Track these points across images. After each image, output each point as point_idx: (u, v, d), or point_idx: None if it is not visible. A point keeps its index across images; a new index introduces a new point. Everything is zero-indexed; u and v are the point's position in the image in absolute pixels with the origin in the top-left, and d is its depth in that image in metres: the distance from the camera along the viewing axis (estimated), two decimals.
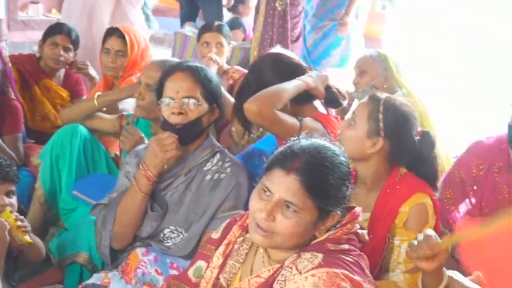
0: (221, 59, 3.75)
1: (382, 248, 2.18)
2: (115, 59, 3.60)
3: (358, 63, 3.50)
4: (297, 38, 5.01)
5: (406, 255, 1.87)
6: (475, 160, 2.74)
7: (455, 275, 1.91)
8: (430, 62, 7.68)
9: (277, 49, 3.15)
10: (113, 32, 3.68)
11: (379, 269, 2.20)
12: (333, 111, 2.91)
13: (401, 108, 2.22)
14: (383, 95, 2.27)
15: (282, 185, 1.64)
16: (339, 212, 1.69)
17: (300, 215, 1.64)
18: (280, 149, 1.74)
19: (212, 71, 3.41)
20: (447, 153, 3.22)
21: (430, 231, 1.84)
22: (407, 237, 2.13)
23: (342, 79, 3.80)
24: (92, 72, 3.98)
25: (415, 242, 1.81)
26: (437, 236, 1.81)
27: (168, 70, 2.43)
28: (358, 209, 1.78)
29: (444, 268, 1.88)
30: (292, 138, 1.77)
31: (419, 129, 2.29)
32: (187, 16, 5.86)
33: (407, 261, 2.06)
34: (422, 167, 2.24)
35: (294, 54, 3.00)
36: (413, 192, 2.19)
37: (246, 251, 1.83)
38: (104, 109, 3.14)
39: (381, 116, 2.19)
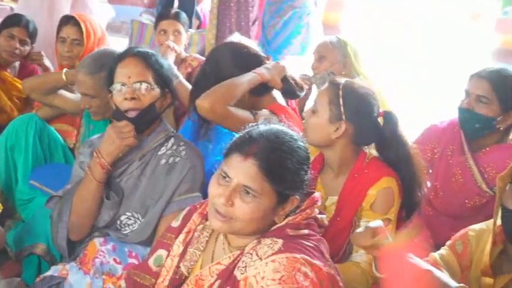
0: (179, 46, 3.73)
1: (349, 231, 2.21)
2: (71, 48, 3.54)
3: (318, 48, 3.52)
4: (253, 22, 5.02)
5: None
6: (430, 144, 2.80)
7: (411, 257, 1.95)
8: (394, 50, 7.76)
9: (236, 37, 3.14)
10: (68, 20, 3.61)
11: (344, 252, 2.24)
12: (293, 102, 2.93)
13: (361, 91, 2.25)
14: (342, 80, 2.30)
15: (240, 170, 1.65)
16: (297, 197, 1.71)
17: (259, 199, 1.64)
18: (239, 134, 1.75)
19: (170, 59, 3.45)
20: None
21: (373, 224, 1.85)
22: (373, 219, 2.13)
23: (302, 66, 3.82)
24: (47, 63, 3.90)
25: (357, 231, 1.84)
26: (381, 227, 1.83)
27: (118, 56, 2.41)
28: (317, 194, 1.80)
29: None
30: (251, 124, 1.78)
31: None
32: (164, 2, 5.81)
33: None
34: (390, 147, 2.26)
35: (251, 42, 3.00)
36: (381, 176, 2.23)
37: (207, 238, 1.83)
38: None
39: (341, 100, 2.22)
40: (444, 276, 1.89)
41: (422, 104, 5.56)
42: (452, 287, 1.83)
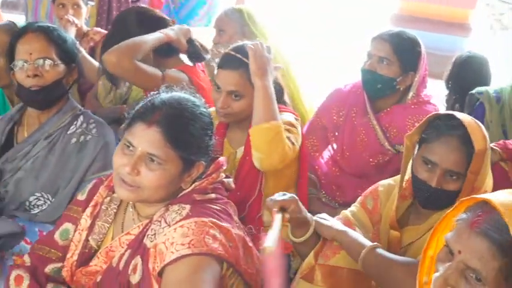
0: (79, 20, 3.60)
1: (257, 174, 2.31)
2: None
3: (216, 22, 3.52)
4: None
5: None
6: (335, 107, 2.86)
7: (323, 219, 2.01)
8: (291, 22, 7.81)
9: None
10: None
11: (259, 190, 2.37)
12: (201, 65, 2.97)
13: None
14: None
15: (144, 138, 1.64)
16: (203, 162, 1.72)
17: (164, 166, 1.64)
18: (141, 103, 1.73)
19: (71, 34, 3.32)
20: (311, 104, 3.34)
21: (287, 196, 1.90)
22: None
23: (208, 38, 3.79)
24: None
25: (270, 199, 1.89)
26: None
27: (18, 32, 2.33)
28: (222, 159, 1.83)
29: (310, 215, 1.98)
30: (152, 92, 1.77)
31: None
32: None
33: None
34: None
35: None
36: (279, 111, 2.30)
37: (115, 210, 1.82)
38: None
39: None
40: (359, 236, 1.94)
41: (324, 73, 5.67)
42: (366, 246, 1.89)
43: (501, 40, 4.46)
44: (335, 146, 2.89)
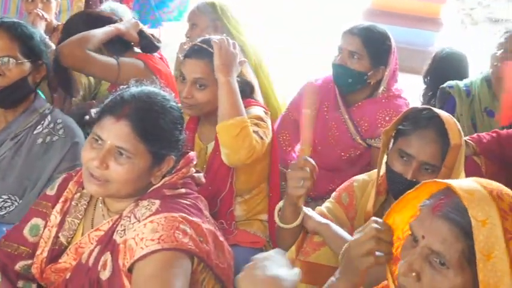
0: (49, 14, 3.54)
1: (227, 169, 2.33)
2: None
3: (189, 16, 3.52)
4: None
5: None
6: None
7: (309, 211, 2.00)
8: (275, 19, 7.80)
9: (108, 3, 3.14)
10: None
11: (230, 184, 2.38)
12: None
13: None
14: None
15: (112, 131, 1.63)
16: (173, 157, 1.71)
17: (133, 160, 1.63)
18: (110, 97, 1.72)
19: (40, 28, 3.27)
20: (284, 99, 3.34)
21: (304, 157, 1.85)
22: (248, 115, 2.29)
23: (179, 33, 3.77)
24: None
25: (289, 170, 1.84)
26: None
27: None
28: (192, 154, 1.82)
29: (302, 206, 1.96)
30: (122, 86, 1.76)
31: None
32: None
33: (252, 125, 2.26)
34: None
35: (123, 6, 3.02)
36: (249, 105, 2.36)
37: (85, 206, 1.81)
38: None
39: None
40: (341, 230, 1.94)
41: (300, 69, 5.67)
42: (348, 240, 1.89)
43: (471, 35, 4.50)
44: None
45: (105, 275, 1.63)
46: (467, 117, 3.14)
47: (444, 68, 3.53)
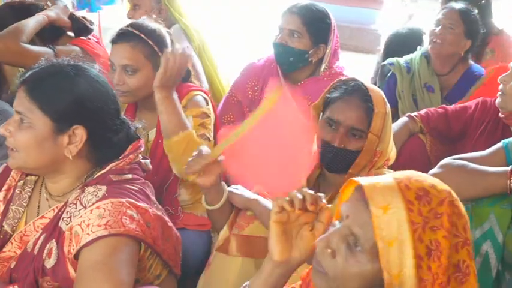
0: None
1: None
2: None
3: None
4: None
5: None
6: (250, 82, 2.87)
7: (236, 189, 2.02)
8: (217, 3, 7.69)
9: None
10: None
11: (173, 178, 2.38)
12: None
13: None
14: None
15: (17, 100, 1.65)
16: (83, 128, 1.64)
17: (31, 125, 1.63)
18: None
19: None
20: (228, 81, 3.30)
21: (203, 148, 1.88)
22: (192, 113, 2.32)
23: (120, 16, 3.69)
24: None
25: (190, 160, 1.86)
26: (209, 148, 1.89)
27: None
28: (141, 140, 1.80)
29: (224, 183, 1.98)
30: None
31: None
32: None
33: (197, 128, 2.28)
34: None
35: None
36: (190, 90, 2.37)
37: (29, 193, 1.78)
38: None
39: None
40: (269, 203, 1.96)
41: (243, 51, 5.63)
42: None
43: (411, 11, 4.55)
44: None
45: (49, 263, 1.61)
46: (409, 93, 3.18)
47: (400, 47, 3.54)
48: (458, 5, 3.17)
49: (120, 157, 1.73)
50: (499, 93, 2.39)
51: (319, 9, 2.71)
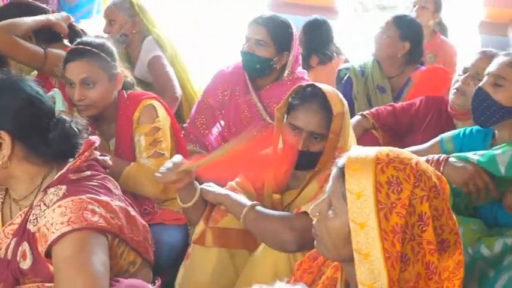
0: None
1: (133, 154, 2.40)
2: None
3: (105, 12, 3.45)
4: None
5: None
6: (220, 87, 2.89)
7: (210, 186, 2.06)
8: (188, 15, 7.65)
9: None
10: None
11: None
12: None
13: None
14: None
15: None
16: (6, 134, 1.60)
17: None
18: None
19: None
20: (200, 86, 3.34)
21: (176, 158, 1.96)
22: (143, 130, 2.38)
23: (95, 29, 3.68)
24: None
25: (163, 169, 1.94)
26: (183, 159, 1.97)
27: None
28: (93, 138, 1.79)
29: (196, 182, 2.03)
30: None
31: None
32: None
33: (148, 148, 2.37)
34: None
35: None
36: (141, 99, 2.42)
37: (1, 200, 1.76)
38: None
39: None
40: (240, 197, 2.02)
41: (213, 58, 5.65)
42: (247, 205, 1.97)
43: (364, 21, 4.66)
44: (222, 123, 2.93)
45: (26, 264, 1.60)
46: (363, 95, 3.27)
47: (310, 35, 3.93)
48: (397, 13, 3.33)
49: (76, 156, 1.70)
50: (455, 91, 2.43)
51: (282, 20, 2.75)
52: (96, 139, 1.78)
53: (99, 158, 1.79)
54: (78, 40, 2.38)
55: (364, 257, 1.21)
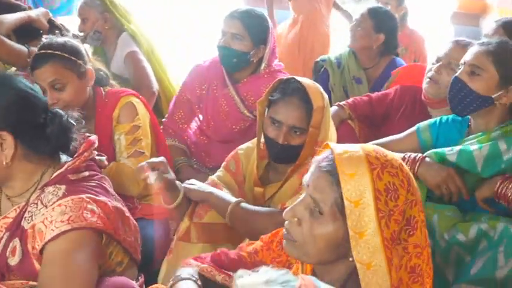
0: None
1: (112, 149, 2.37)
2: None
3: (78, 12, 3.42)
4: None
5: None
6: (197, 81, 2.86)
7: (192, 184, 2.04)
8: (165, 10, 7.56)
9: None
10: None
11: None
12: None
13: None
14: None
15: None
16: (8, 134, 1.58)
17: None
18: None
19: None
20: (177, 80, 3.30)
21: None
22: (123, 129, 2.36)
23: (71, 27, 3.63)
24: None
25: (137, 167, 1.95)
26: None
27: None
28: (93, 137, 1.78)
29: (179, 182, 2.01)
30: None
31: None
32: None
33: (128, 147, 2.33)
34: None
35: None
36: (119, 97, 2.39)
37: None
38: None
39: None
40: (224, 195, 2.00)
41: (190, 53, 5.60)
42: (231, 202, 1.94)
43: (339, 15, 4.68)
44: (201, 117, 2.91)
45: (14, 260, 1.59)
46: (340, 86, 3.26)
47: None
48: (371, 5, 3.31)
49: (75, 156, 1.70)
50: (428, 80, 2.42)
51: (258, 14, 2.72)
52: (95, 139, 1.77)
53: (96, 157, 1.78)
54: (40, 45, 2.31)
55: (367, 267, 1.18)
